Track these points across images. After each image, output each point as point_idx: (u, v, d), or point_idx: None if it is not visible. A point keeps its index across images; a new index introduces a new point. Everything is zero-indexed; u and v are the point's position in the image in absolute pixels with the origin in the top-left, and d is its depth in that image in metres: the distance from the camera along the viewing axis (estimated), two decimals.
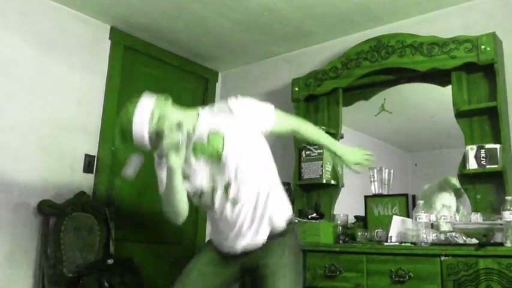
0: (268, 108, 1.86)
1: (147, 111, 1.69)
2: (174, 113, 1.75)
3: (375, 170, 3.05)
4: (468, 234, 2.35)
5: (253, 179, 1.76)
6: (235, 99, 1.82)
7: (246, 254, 1.80)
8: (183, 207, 1.74)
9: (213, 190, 1.77)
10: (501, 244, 2.17)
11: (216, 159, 1.74)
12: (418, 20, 3.10)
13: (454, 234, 2.35)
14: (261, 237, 1.78)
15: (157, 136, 1.69)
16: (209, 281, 1.83)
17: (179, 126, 1.66)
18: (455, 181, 2.70)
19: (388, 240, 2.56)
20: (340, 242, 2.80)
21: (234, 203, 1.75)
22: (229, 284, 1.91)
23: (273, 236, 1.79)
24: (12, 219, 2.75)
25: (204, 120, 1.78)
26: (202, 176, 1.77)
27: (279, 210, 1.82)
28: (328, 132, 3.14)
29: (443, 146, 2.99)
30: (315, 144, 3.09)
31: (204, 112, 1.83)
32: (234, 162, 1.72)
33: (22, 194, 2.81)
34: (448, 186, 2.73)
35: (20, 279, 2.75)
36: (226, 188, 1.75)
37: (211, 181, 1.77)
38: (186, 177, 1.79)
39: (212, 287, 1.84)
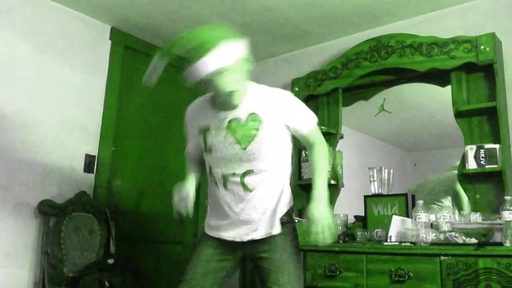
0: (312, 117, 1.87)
1: (222, 62, 1.63)
2: (236, 75, 1.69)
3: (375, 170, 3.05)
4: (467, 234, 2.35)
5: (272, 172, 1.77)
6: (286, 93, 1.83)
7: (248, 244, 1.79)
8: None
9: (230, 174, 1.76)
10: (500, 244, 2.17)
11: (244, 144, 1.73)
12: (417, 21, 3.10)
13: (453, 234, 2.35)
14: (270, 229, 1.78)
15: (208, 82, 1.66)
16: (214, 278, 1.81)
17: (230, 98, 1.70)
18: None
19: (388, 240, 2.56)
20: (340, 241, 2.79)
21: (248, 190, 1.75)
22: (231, 274, 1.91)
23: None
24: (13, 219, 2.75)
25: (250, 99, 1.76)
26: (224, 154, 1.75)
27: (286, 204, 1.85)
28: (328, 132, 3.18)
29: (442, 146, 2.99)
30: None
31: (253, 89, 1.79)
32: (259, 153, 1.73)
33: (23, 194, 2.81)
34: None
35: (21, 279, 2.75)
36: (244, 174, 1.74)
37: (230, 163, 1.75)
38: (208, 150, 1.79)
39: (218, 281, 1.83)
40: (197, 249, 1.87)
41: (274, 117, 1.76)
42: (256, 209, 1.76)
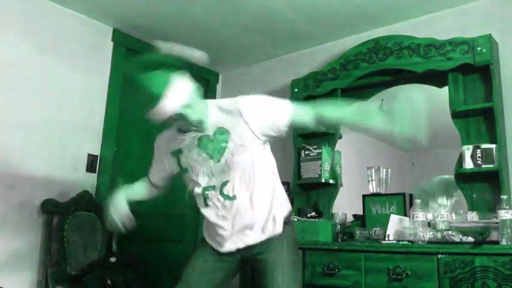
0: (282, 106, 1.77)
1: (182, 94, 1.68)
2: (197, 104, 1.73)
3: (373, 170, 3.05)
4: (464, 232, 2.35)
5: (252, 178, 1.75)
6: (246, 99, 1.77)
7: (244, 248, 1.79)
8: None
9: (209, 187, 1.77)
10: (497, 242, 2.17)
11: (216, 158, 1.74)
12: (415, 22, 3.10)
13: (450, 232, 2.35)
14: (262, 233, 1.77)
15: (174, 118, 1.70)
16: (211, 278, 1.81)
17: (200, 122, 1.72)
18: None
19: (386, 239, 2.56)
20: (339, 240, 2.80)
21: (229, 198, 1.74)
22: (230, 277, 1.91)
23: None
24: (16, 218, 2.75)
25: (213, 115, 1.77)
26: (199, 171, 1.77)
27: (279, 207, 1.81)
28: (327, 133, 3.17)
29: (439, 146, 2.98)
30: (315, 145, 3.11)
31: (213, 105, 1.80)
32: (232, 163, 1.73)
33: (26, 193, 2.81)
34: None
35: (24, 277, 2.75)
36: (222, 186, 1.74)
37: (207, 178, 1.77)
38: (184, 170, 1.82)
39: (215, 282, 1.83)
40: (196, 252, 1.89)
41: (240, 124, 1.73)
42: (244, 216, 1.74)
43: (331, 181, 3.08)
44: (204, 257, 1.84)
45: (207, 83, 4.10)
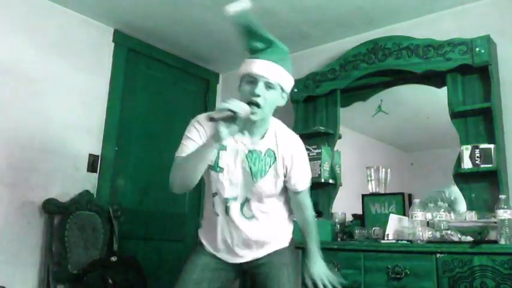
0: (309, 178, 1.82)
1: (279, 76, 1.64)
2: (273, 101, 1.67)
3: (372, 170, 3.05)
4: (463, 232, 2.35)
5: (269, 207, 1.75)
6: (302, 145, 1.79)
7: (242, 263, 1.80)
8: (196, 178, 1.62)
9: (232, 198, 1.70)
10: (495, 242, 2.17)
11: (256, 177, 1.68)
12: (414, 23, 3.10)
13: (449, 232, 2.35)
14: (264, 252, 1.78)
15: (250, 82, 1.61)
16: (208, 285, 1.76)
17: (255, 128, 1.66)
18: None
19: (385, 238, 2.56)
20: (338, 239, 2.80)
21: (245, 217, 1.72)
22: (229, 284, 1.88)
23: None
24: (18, 218, 2.75)
25: (271, 135, 1.71)
26: (234, 179, 1.69)
27: (282, 239, 1.83)
28: (326, 133, 3.17)
29: (438, 146, 2.98)
30: (315, 145, 3.11)
31: (275, 125, 1.74)
32: (264, 188, 1.70)
33: (27, 193, 2.81)
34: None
35: (26, 276, 2.75)
36: (244, 203, 1.72)
37: (236, 189, 1.70)
38: (220, 168, 1.69)
39: (213, 277, 1.79)
40: (191, 258, 1.81)
41: (283, 160, 1.71)
42: (247, 241, 1.73)
43: (330, 181, 3.08)
44: (201, 265, 1.78)
45: (207, 83, 4.10)
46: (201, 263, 1.78)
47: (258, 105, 1.58)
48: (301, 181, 1.77)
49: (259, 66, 1.60)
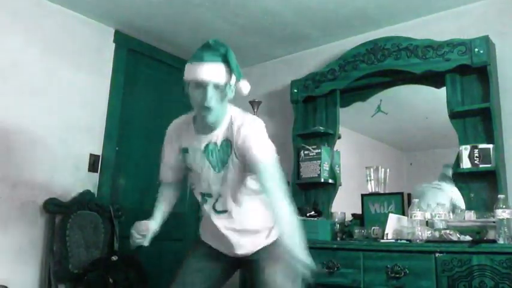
0: (271, 151, 1.71)
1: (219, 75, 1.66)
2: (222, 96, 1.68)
3: (372, 170, 3.05)
4: (462, 231, 2.35)
5: (244, 195, 1.77)
6: (255, 124, 1.71)
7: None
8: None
9: (206, 194, 1.79)
10: (494, 241, 2.17)
11: (217, 169, 1.74)
12: (413, 24, 3.10)
13: (448, 231, 2.35)
14: (254, 248, 1.79)
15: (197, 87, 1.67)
16: (205, 280, 1.81)
17: (214, 124, 1.71)
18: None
19: (384, 238, 2.56)
20: (338, 239, 2.80)
21: (220, 212, 1.77)
22: (225, 279, 1.91)
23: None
24: (19, 217, 2.75)
25: (226, 124, 1.72)
26: (201, 176, 1.78)
27: (271, 224, 1.80)
28: (326, 133, 3.17)
29: (437, 146, 2.99)
30: (315, 145, 3.11)
31: (231, 114, 1.74)
32: (229, 178, 1.73)
33: (29, 193, 2.81)
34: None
35: (27, 275, 2.75)
36: (217, 198, 1.77)
37: (206, 185, 1.77)
38: (189, 168, 1.83)
39: (211, 282, 1.83)
40: (190, 253, 1.90)
41: (238, 141, 1.69)
42: (234, 230, 1.77)
43: (330, 181, 3.08)
44: (198, 258, 1.85)
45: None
46: (198, 257, 1.85)
47: (210, 109, 1.63)
48: (258, 152, 1.64)
49: (205, 71, 1.63)
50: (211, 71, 1.63)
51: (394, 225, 2.59)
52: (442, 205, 2.54)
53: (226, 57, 1.65)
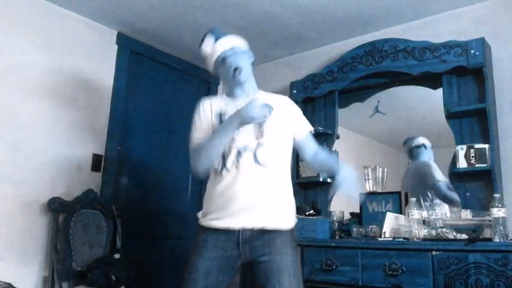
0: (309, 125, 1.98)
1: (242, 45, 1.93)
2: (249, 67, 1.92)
3: (370, 169, 3.06)
4: (458, 230, 2.35)
5: (277, 157, 1.79)
6: (289, 100, 1.99)
7: (248, 242, 1.70)
8: (221, 153, 1.75)
9: (244, 147, 1.74)
10: (490, 239, 2.17)
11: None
12: (410, 26, 3.10)
13: (444, 230, 2.36)
14: (283, 222, 1.74)
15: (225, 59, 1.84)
16: (217, 277, 1.71)
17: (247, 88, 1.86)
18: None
19: (382, 236, 2.56)
20: (336, 237, 2.80)
21: (259, 163, 1.72)
22: (232, 277, 1.81)
23: (277, 231, 1.73)
24: (23, 216, 2.76)
25: (262, 95, 1.89)
26: (241, 131, 1.74)
27: (292, 200, 1.83)
28: (324, 133, 3.18)
29: (434, 146, 2.98)
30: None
31: (262, 91, 1.94)
32: (268, 132, 1.77)
33: (33, 192, 2.81)
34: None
35: (31, 273, 2.75)
36: (257, 147, 1.74)
37: (245, 137, 1.75)
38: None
39: (217, 283, 1.73)
40: (197, 250, 1.74)
41: (281, 112, 1.83)
42: (266, 189, 1.71)
43: (329, 180, 3.08)
44: (206, 255, 1.72)
45: (209, 85, 4.10)
46: (208, 257, 1.72)
47: (239, 70, 1.81)
48: (306, 123, 1.95)
49: (220, 45, 1.84)
50: (228, 41, 1.84)
51: (391, 223, 2.59)
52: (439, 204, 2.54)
53: (229, 34, 1.87)
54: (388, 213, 2.65)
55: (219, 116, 1.82)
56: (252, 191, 1.71)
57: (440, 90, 2.79)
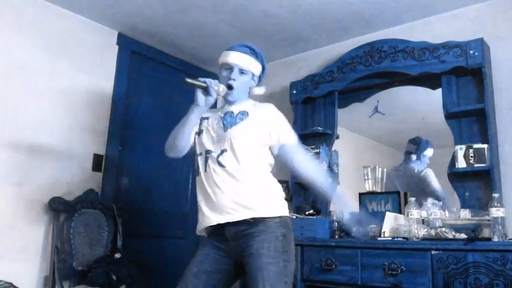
0: (293, 135, 1.94)
1: (247, 63, 1.93)
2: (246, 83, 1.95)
3: (369, 169, 3.05)
4: (457, 229, 2.35)
5: (245, 159, 1.80)
6: (277, 112, 1.94)
7: (233, 240, 1.77)
8: (184, 140, 1.90)
9: (210, 151, 1.84)
10: (489, 239, 2.17)
11: (226, 128, 1.85)
12: (409, 26, 3.10)
13: (444, 229, 2.35)
14: (245, 214, 1.75)
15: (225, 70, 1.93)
16: (207, 277, 1.77)
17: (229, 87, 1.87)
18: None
19: (382, 236, 2.56)
20: (336, 237, 2.80)
21: (222, 166, 1.80)
22: (229, 281, 1.85)
23: (257, 224, 1.75)
24: (24, 216, 2.76)
25: (246, 105, 1.92)
26: (209, 135, 1.88)
27: (268, 200, 1.82)
28: (324, 133, 3.17)
29: (433, 146, 2.98)
30: (314, 145, 3.11)
31: (258, 103, 1.97)
32: (235, 138, 1.81)
33: (34, 191, 2.81)
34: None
35: (32, 273, 2.75)
36: (220, 154, 1.81)
37: (212, 142, 1.86)
38: (198, 132, 1.93)
39: (212, 283, 1.78)
40: (196, 253, 1.86)
41: (259, 120, 1.87)
42: (229, 188, 1.78)
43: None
44: (200, 256, 1.82)
45: None
46: (201, 254, 1.83)
47: (231, 87, 1.87)
48: (284, 134, 1.90)
49: (233, 57, 1.90)
50: (238, 57, 1.90)
51: (391, 223, 2.59)
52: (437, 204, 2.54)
53: (255, 52, 1.93)
54: (387, 213, 2.64)
55: (200, 121, 1.95)
56: (216, 190, 1.80)
57: (439, 91, 2.79)
